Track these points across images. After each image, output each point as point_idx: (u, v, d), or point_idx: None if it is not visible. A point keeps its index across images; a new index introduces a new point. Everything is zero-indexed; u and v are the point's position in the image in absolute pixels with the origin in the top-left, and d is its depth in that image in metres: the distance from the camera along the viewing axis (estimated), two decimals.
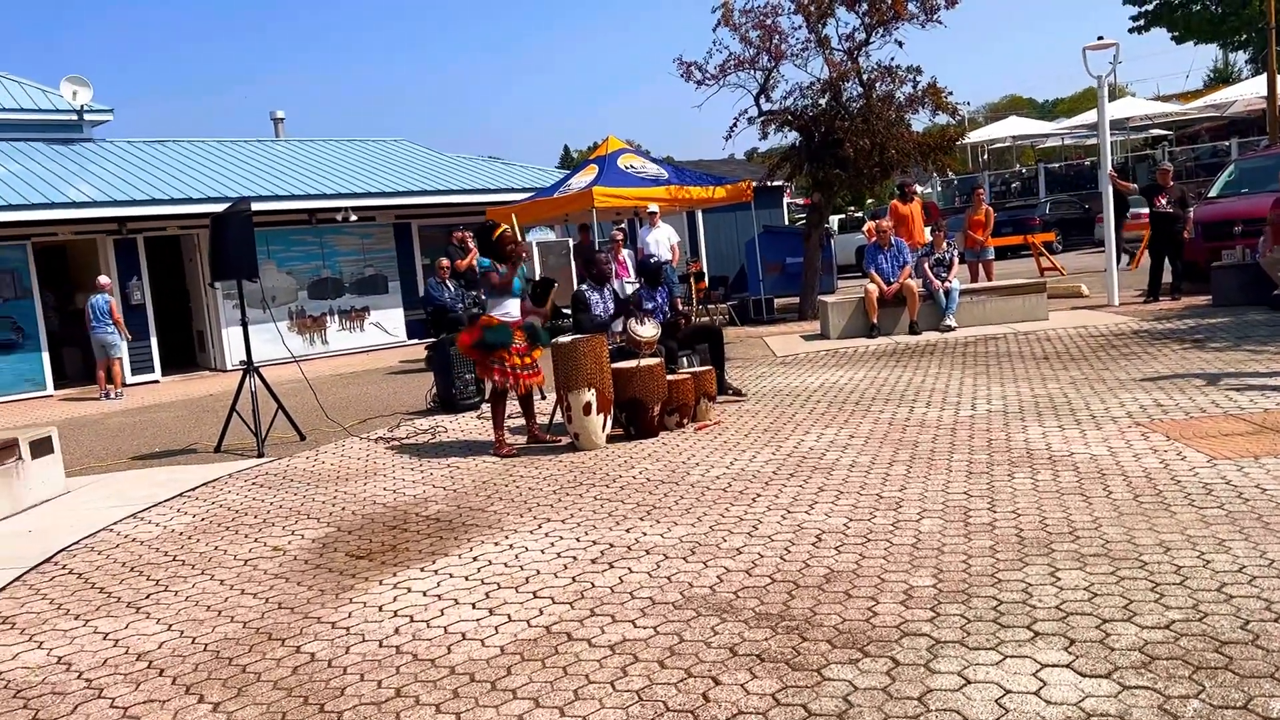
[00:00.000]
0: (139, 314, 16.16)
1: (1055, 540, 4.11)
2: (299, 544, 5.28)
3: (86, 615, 4.43)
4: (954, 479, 5.22)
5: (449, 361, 9.60)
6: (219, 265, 8.51)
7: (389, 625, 3.91)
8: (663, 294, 8.85)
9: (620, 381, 7.17)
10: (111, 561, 5.32)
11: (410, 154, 22.10)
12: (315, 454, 8.01)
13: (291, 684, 3.44)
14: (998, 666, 3.01)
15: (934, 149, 15.28)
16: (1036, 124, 41.17)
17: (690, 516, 4.99)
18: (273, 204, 16.59)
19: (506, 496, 5.86)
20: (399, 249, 18.88)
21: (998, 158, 42.07)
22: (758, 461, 6.08)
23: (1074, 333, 10.60)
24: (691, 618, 3.65)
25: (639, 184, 14.55)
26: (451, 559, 4.70)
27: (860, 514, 4.74)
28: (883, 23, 14.71)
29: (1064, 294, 14.46)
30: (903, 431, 6.53)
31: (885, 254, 12.20)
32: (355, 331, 18.36)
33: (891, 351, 10.63)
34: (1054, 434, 6.04)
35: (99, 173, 16.86)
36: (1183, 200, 12.82)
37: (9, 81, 19.04)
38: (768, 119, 15.45)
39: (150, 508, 6.55)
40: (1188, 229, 12.69)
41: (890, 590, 3.72)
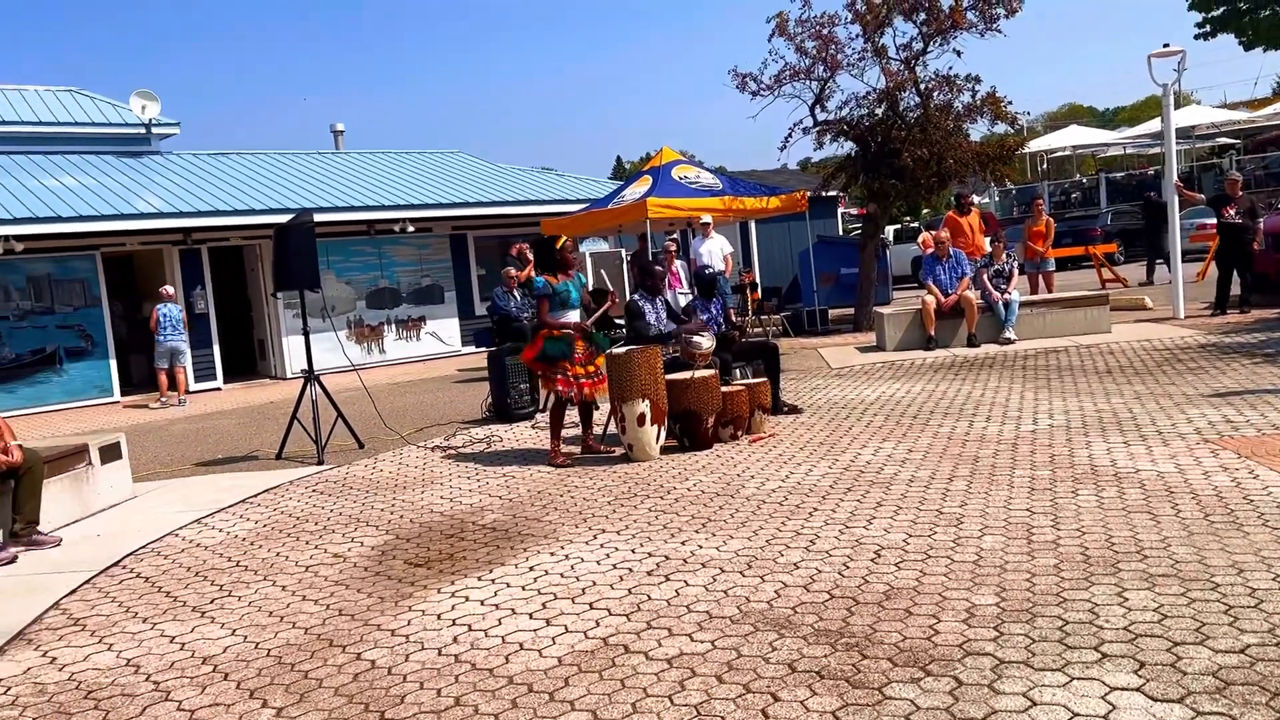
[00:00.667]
0: (203, 322, 16.53)
1: (1122, 559, 4.02)
2: (359, 551, 5.34)
3: (154, 619, 4.52)
4: (1016, 495, 5.14)
5: (504, 371, 9.68)
6: (282, 276, 8.66)
7: (447, 634, 3.94)
8: (717, 305, 8.84)
9: (674, 393, 7.16)
10: (177, 566, 5.43)
11: (466, 166, 22.34)
12: (374, 462, 8.11)
13: (352, 690, 3.48)
14: (1065, 688, 2.95)
15: (993, 159, 15.09)
16: (1097, 133, 40.48)
17: (746, 530, 4.97)
18: (332, 215, 16.86)
19: (561, 507, 5.88)
20: (455, 259, 19.08)
21: (1057, 167, 41.42)
22: (814, 475, 6.03)
23: (1138, 346, 10.37)
24: (749, 632, 3.63)
25: (693, 194, 14.55)
26: (508, 568, 4.73)
27: (920, 530, 4.68)
28: (941, 32, 14.56)
29: (1127, 306, 14.17)
30: (962, 446, 6.44)
31: (943, 265, 12.06)
32: (411, 341, 18.58)
33: (949, 364, 10.49)
34: (1119, 450, 5.92)
35: (166, 185, 17.29)
36: (1252, 210, 12.51)
37: (82, 97, 19.62)
38: (823, 129, 15.38)
39: (214, 513, 6.68)
40: (1257, 240, 12.38)
41: (952, 608, 3.67)
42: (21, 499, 6.05)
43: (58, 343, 15.39)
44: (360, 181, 19.37)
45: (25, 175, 16.69)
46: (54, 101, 19.18)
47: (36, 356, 15.21)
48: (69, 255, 15.44)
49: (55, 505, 6.52)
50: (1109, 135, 39.74)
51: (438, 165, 21.96)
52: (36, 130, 18.16)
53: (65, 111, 18.90)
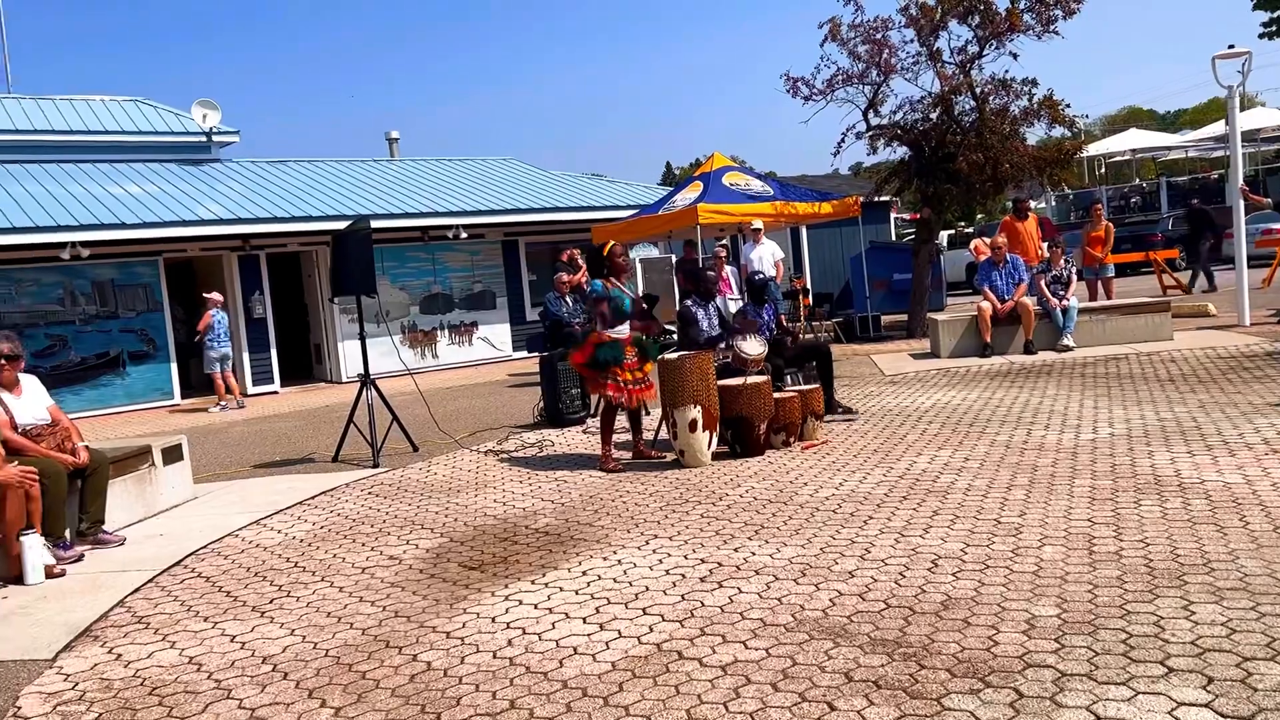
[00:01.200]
0: (260, 327, 16.83)
1: (1188, 572, 3.92)
2: (413, 554, 5.40)
3: (215, 617, 4.61)
4: (1076, 505, 5.04)
5: (556, 376, 9.73)
6: (339, 281, 8.78)
7: (502, 637, 3.96)
8: (768, 311, 8.80)
9: (726, 399, 7.14)
10: (237, 566, 5.53)
11: (518, 172, 22.50)
12: (428, 465, 8.19)
13: (409, 692, 3.51)
14: (1129, 703, 2.89)
15: (1050, 163, 14.86)
16: (1158, 136, 39.69)
17: (800, 537, 4.94)
18: (387, 221, 17.07)
19: (613, 512, 5.89)
20: (506, 265, 19.22)
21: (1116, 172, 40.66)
22: (868, 483, 5.98)
23: (1201, 354, 10.14)
24: (804, 641, 3.60)
25: (744, 200, 14.51)
26: (561, 572, 4.75)
27: (978, 539, 4.61)
28: (997, 35, 14.38)
29: (1190, 313, 13.84)
30: (1020, 455, 6.34)
31: (1000, 271, 11.89)
32: (464, 346, 18.74)
33: (1006, 372, 10.34)
34: (1183, 460, 5.78)
35: (225, 192, 17.64)
36: None
37: (146, 106, 20.10)
38: (876, 134, 15.25)
39: (272, 515, 6.79)
40: None
41: (1011, 619, 3.61)
42: (88, 498, 6.21)
43: (121, 346, 15.76)
44: (414, 188, 19.59)
45: (91, 183, 17.13)
46: (119, 111, 19.67)
47: (101, 359, 15.60)
48: (132, 261, 15.82)
49: (120, 505, 6.68)
50: (1170, 138, 38.95)
51: (490, 172, 22.14)
52: (102, 139, 18.65)
53: (130, 121, 19.38)
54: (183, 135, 19.52)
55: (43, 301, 15.24)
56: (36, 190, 16.26)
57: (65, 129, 18.41)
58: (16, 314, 14.95)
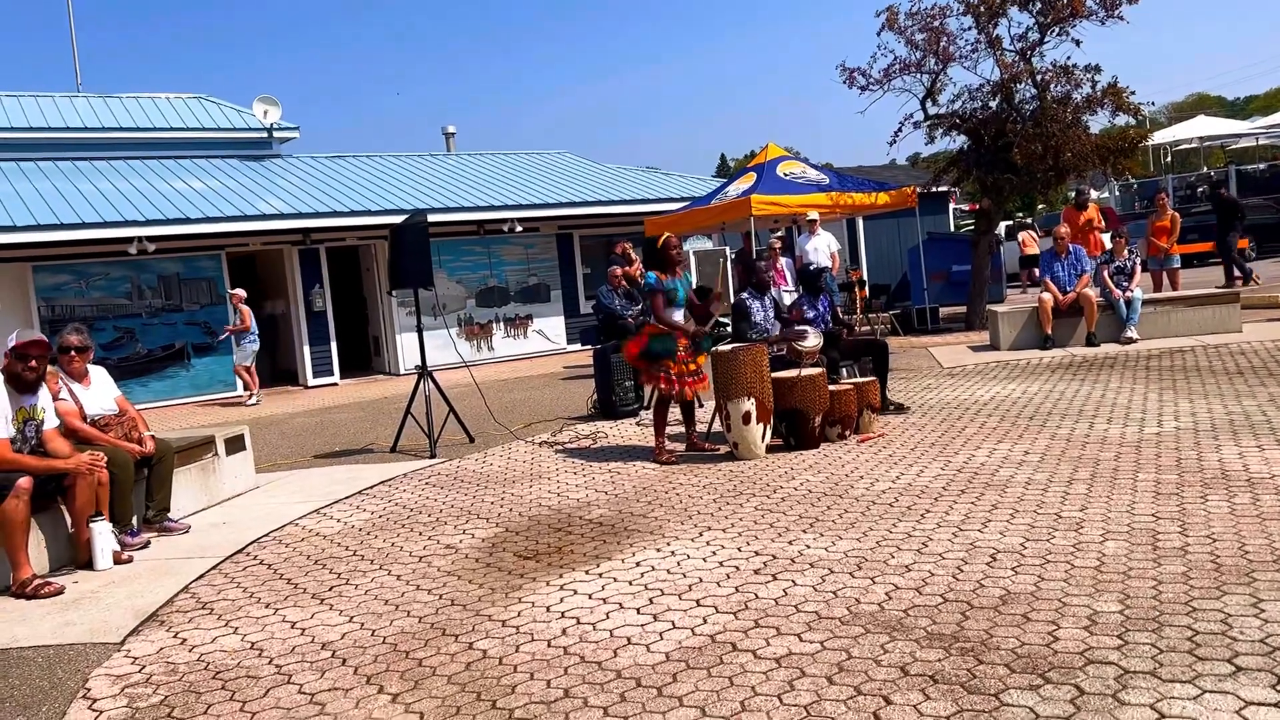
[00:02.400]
0: (320, 320, 17.11)
1: (1257, 569, 3.82)
2: (469, 543, 5.45)
3: (276, 604, 4.70)
4: (1140, 500, 4.93)
5: (609, 369, 9.75)
6: (397, 274, 8.88)
7: (556, 626, 3.99)
8: (824, 303, 8.73)
9: (780, 391, 7.10)
10: (297, 554, 5.63)
11: (572, 166, 22.59)
12: (484, 456, 8.27)
13: (465, 679, 3.55)
14: (1196, 701, 2.82)
15: (1113, 152, 14.50)
16: (1227, 123, 38.56)
17: (855, 531, 4.89)
18: (444, 215, 17.24)
19: (667, 503, 5.89)
20: (560, 258, 19.32)
21: (1183, 160, 39.63)
22: (925, 476, 5.90)
23: (1271, 346, 9.85)
24: (860, 634, 3.57)
25: (798, 191, 14.39)
26: (615, 563, 4.76)
27: (1038, 534, 4.54)
28: (1059, 21, 14.08)
29: (1260, 305, 13.46)
30: (1082, 449, 6.22)
31: (1062, 262, 11.66)
32: (519, 338, 18.88)
33: (1067, 364, 10.14)
34: (1252, 454, 5.63)
35: (286, 187, 17.95)
36: None
37: (208, 103, 20.52)
38: (934, 123, 15.03)
39: (332, 504, 6.90)
40: None
41: (1072, 615, 3.54)
42: (154, 487, 6.36)
43: (185, 339, 16.14)
44: (470, 182, 19.76)
45: (156, 179, 17.55)
46: (182, 108, 20.11)
47: (166, 352, 15.99)
48: (196, 255, 16.18)
49: (184, 493, 6.83)
50: (1240, 125, 37.80)
51: (544, 165, 22.25)
52: (166, 136, 19.10)
53: (193, 117, 19.80)
54: (244, 131, 19.90)
55: (111, 295, 15.66)
56: (105, 186, 16.70)
57: (131, 126, 18.87)
58: (86, 307, 15.37)
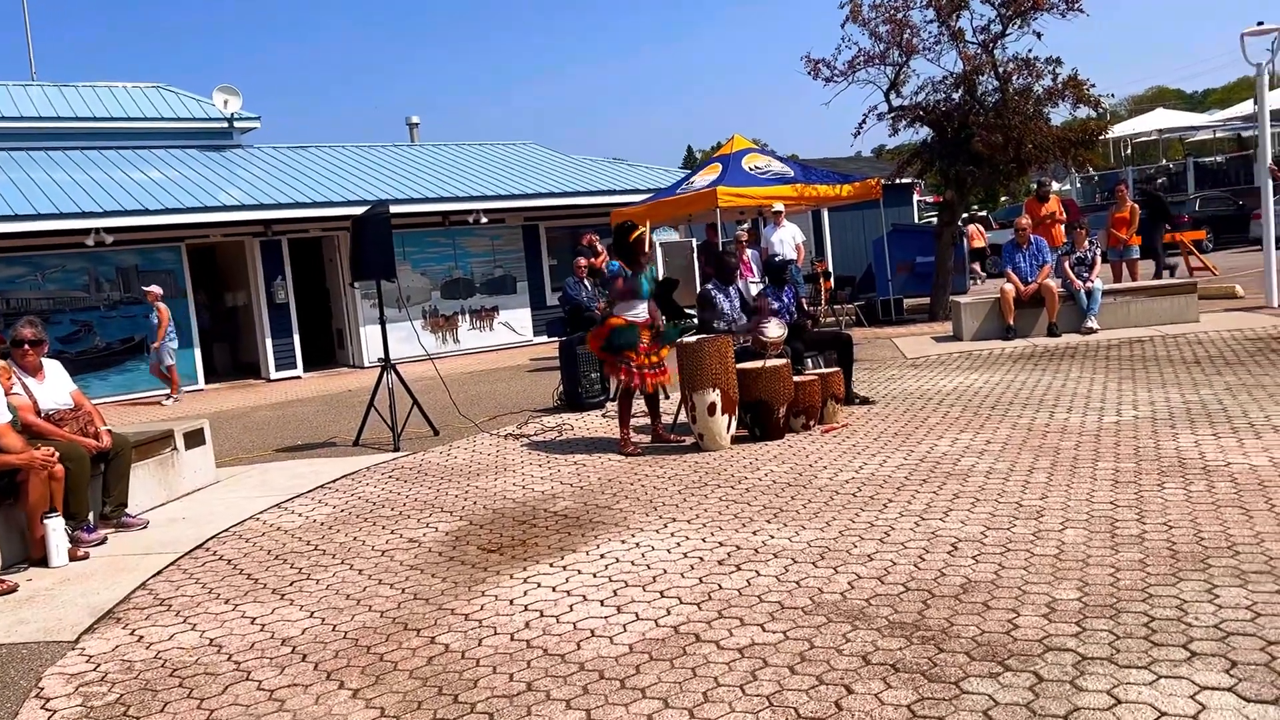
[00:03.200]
0: (283, 312, 16.91)
1: (1212, 555, 3.87)
2: (433, 537, 5.41)
3: (235, 600, 4.64)
4: (1099, 488, 4.99)
5: (575, 361, 9.72)
6: (359, 266, 8.79)
7: (520, 619, 3.97)
8: (788, 294, 8.75)
9: (745, 382, 7.11)
10: (258, 549, 5.57)
11: (537, 157, 22.47)
12: (448, 449, 8.21)
13: (427, 674, 3.52)
14: (1151, 687, 2.86)
15: (1074, 144, 14.64)
16: (1185, 116, 39.11)
17: (819, 521, 4.91)
18: (408, 206, 17.10)
19: (632, 495, 5.88)
20: (527, 250, 19.23)
21: (1142, 152, 40.15)
22: (888, 466, 5.94)
23: (1228, 336, 10.01)
24: (822, 624, 3.59)
25: (763, 184, 14.42)
26: (579, 555, 4.75)
27: (998, 522, 4.58)
28: (1020, 13, 14.17)
29: (1216, 295, 13.66)
30: (1043, 438, 6.28)
31: (1023, 253, 11.77)
32: (485, 331, 18.78)
33: (1029, 354, 10.24)
34: (1208, 442, 5.71)
35: (247, 177, 17.71)
36: None
37: (167, 93, 20.20)
38: (898, 114, 15.10)
39: (293, 498, 6.83)
40: None
41: (1032, 602, 3.58)
42: (111, 482, 6.26)
43: (145, 332, 15.88)
44: (434, 173, 19.61)
45: (114, 169, 17.25)
46: (141, 98, 19.78)
47: (125, 345, 15.74)
48: (155, 247, 15.93)
49: (142, 489, 6.73)
50: (1198, 118, 38.36)
51: (509, 156, 22.13)
52: (124, 126, 18.76)
53: (151, 107, 19.48)
54: (204, 121, 19.61)
55: (68, 287, 15.38)
56: (61, 177, 16.39)
57: (88, 116, 18.54)
58: (42, 300, 15.10)
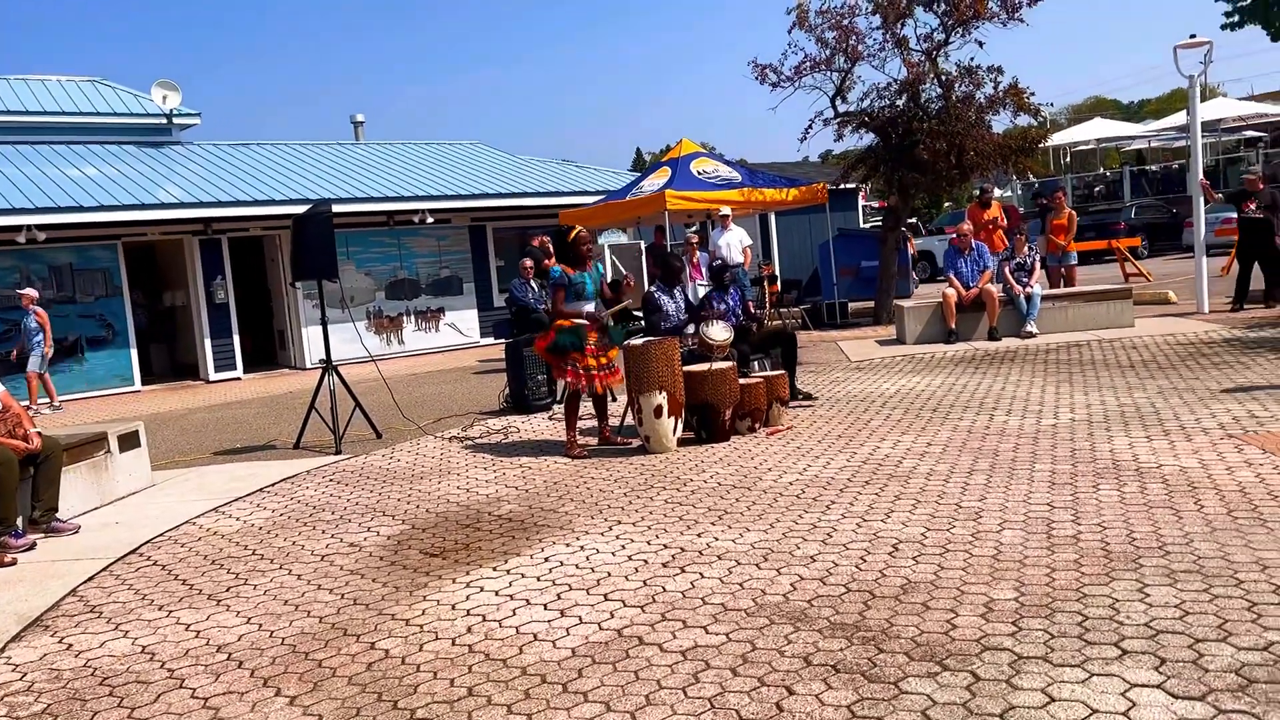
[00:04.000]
0: (222, 312, 16.61)
1: (1144, 555, 3.96)
2: (374, 541, 5.35)
3: (170, 606, 4.54)
4: (1036, 489, 5.08)
5: (522, 362, 9.68)
6: (300, 266, 8.68)
7: (462, 624, 3.93)
8: (735, 297, 8.80)
9: (692, 384, 7.13)
10: (194, 554, 5.45)
11: (485, 157, 22.34)
12: (391, 452, 8.12)
13: (366, 680, 3.47)
14: (1084, 685, 2.91)
15: (1015, 151, 14.93)
16: (1122, 126, 40.05)
17: (763, 522, 4.94)
18: (351, 205, 16.90)
19: (577, 498, 5.87)
20: (474, 251, 19.10)
21: (1081, 161, 41.04)
22: (832, 468, 5.99)
23: (1161, 340, 10.26)
24: (764, 625, 3.60)
25: (711, 188, 14.49)
26: (523, 559, 4.72)
27: (938, 524, 4.64)
28: (963, 22, 14.42)
29: (1151, 300, 14.01)
30: (982, 440, 6.38)
31: (965, 258, 11.96)
32: (430, 332, 18.62)
33: (970, 358, 10.41)
34: (1141, 445, 5.85)
35: (186, 175, 17.37)
36: (1273, 204, 12.39)
37: (104, 87, 19.73)
38: (844, 120, 15.26)
39: (231, 502, 6.70)
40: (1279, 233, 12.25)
41: (970, 602, 3.63)
42: (40, 486, 6.09)
43: (79, 332, 15.51)
44: (379, 172, 19.40)
45: (48, 165, 16.81)
46: (76, 91, 19.30)
47: (59, 346, 15.32)
48: (90, 245, 15.56)
49: (74, 493, 6.56)
50: (1134, 128, 39.31)
51: (456, 156, 21.97)
52: (59, 120, 18.29)
53: (87, 101, 19.01)
54: (142, 117, 19.19)
55: None
56: None
57: (20, 109, 18.05)
58: None
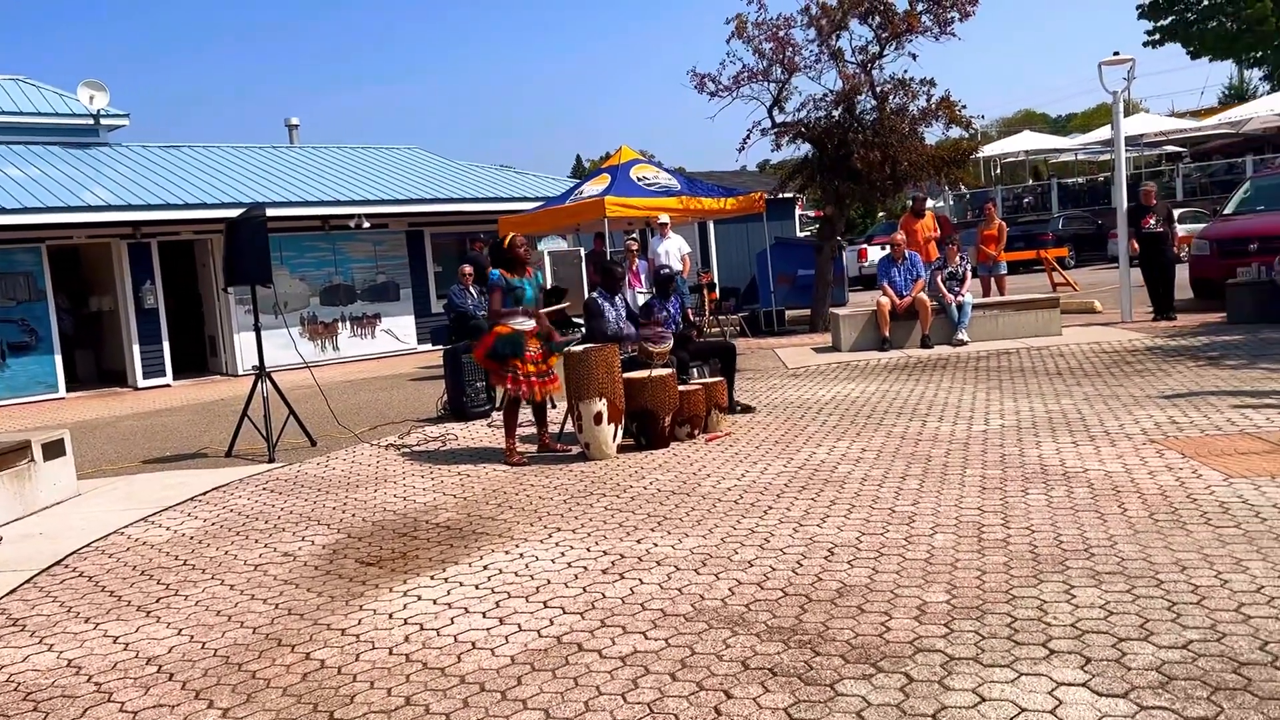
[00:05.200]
0: (152, 318, 16.23)
1: (1070, 557, 4.08)
2: (309, 550, 5.27)
3: (96, 618, 4.43)
4: (967, 494, 5.19)
5: (460, 369, 9.61)
6: (233, 271, 8.53)
7: (399, 633, 3.90)
8: (674, 304, 8.84)
9: (631, 391, 7.16)
10: (122, 565, 5.32)
11: (423, 162, 22.16)
12: (326, 460, 8.01)
13: (301, 691, 3.43)
14: (1013, 684, 2.99)
15: (947, 162, 15.24)
16: (1050, 139, 41.13)
17: (701, 528, 4.98)
18: (286, 210, 16.63)
19: (517, 505, 5.85)
20: (411, 256, 18.92)
21: (1011, 172, 42.03)
22: (769, 474, 6.06)
23: (1087, 348, 10.55)
24: (703, 630, 3.63)
25: (650, 195, 14.56)
26: (462, 567, 4.69)
27: (873, 528, 4.72)
28: (896, 36, 14.69)
29: (1077, 309, 14.40)
30: (915, 446, 6.51)
31: (898, 267, 12.18)
32: (366, 338, 18.39)
33: (903, 365, 10.59)
34: (1068, 450, 6.01)
35: (114, 177, 16.95)
36: (1169, 218, 12.86)
37: (27, 85, 19.17)
38: (781, 131, 15.43)
39: (161, 511, 6.55)
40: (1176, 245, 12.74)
41: (904, 605, 3.70)
42: None
43: (1, 337, 15.03)
44: (315, 176, 19.14)
45: None
46: None
47: None
48: (13, 248, 15.08)
49: None
50: (1061, 141, 40.40)
51: (394, 161, 21.76)
52: None
53: (10, 100, 18.45)
54: (68, 117, 18.67)
55: None
56: None
57: None
58: None
